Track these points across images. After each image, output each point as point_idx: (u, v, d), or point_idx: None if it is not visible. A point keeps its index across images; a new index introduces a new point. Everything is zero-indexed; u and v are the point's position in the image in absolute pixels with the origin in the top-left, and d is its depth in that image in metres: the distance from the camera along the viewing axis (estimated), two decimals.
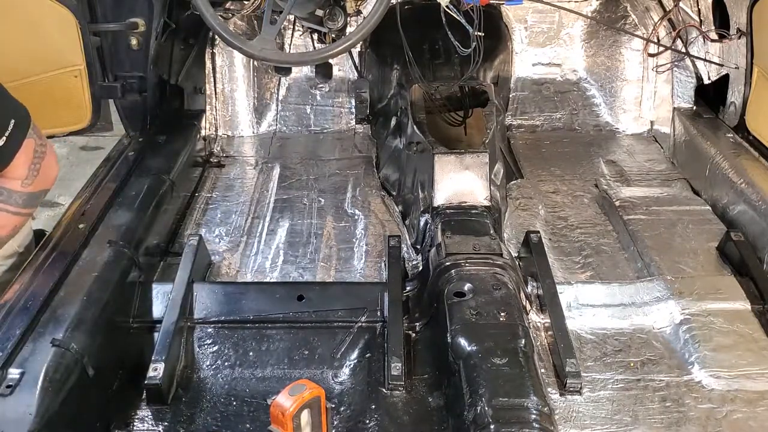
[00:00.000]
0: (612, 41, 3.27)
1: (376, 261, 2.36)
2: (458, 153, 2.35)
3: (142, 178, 2.31)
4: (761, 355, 1.87)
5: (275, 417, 1.46)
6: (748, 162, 2.49)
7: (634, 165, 2.96)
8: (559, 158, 3.02)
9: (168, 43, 2.75)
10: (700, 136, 2.77)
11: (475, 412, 1.53)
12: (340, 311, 1.96)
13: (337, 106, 3.29)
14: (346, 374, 1.84)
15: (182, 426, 1.69)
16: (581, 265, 2.32)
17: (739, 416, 1.72)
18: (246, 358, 1.87)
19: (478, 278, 1.92)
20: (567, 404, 1.76)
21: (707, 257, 2.28)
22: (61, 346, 1.60)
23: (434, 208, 2.30)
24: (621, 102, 3.27)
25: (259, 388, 1.79)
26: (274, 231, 2.54)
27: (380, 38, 3.04)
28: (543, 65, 3.30)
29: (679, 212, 2.51)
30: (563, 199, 2.72)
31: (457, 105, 2.84)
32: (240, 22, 3.10)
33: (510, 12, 3.22)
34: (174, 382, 1.80)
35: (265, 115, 3.28)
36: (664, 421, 1.71)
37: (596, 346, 1.95)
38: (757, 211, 2.27)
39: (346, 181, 2.87)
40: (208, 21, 2.08)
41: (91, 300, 1.79)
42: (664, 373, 1.86)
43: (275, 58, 2.24)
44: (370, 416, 1.68)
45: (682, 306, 2.01)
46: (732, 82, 2.76)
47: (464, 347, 1.70)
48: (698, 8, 2.80)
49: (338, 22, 2.34)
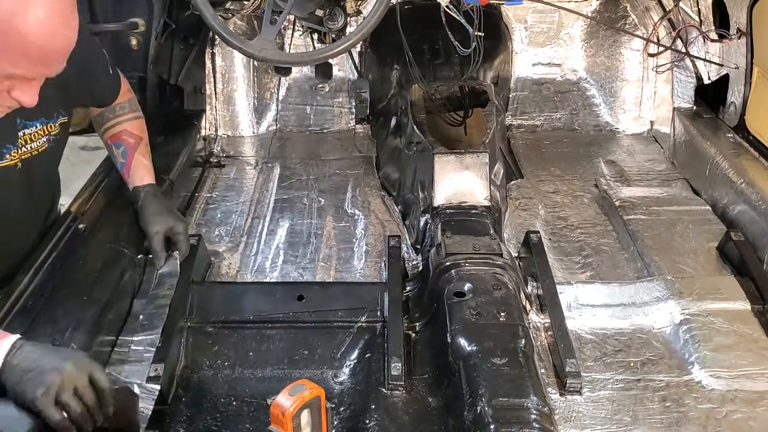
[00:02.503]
0: (612, 41, 3.27)
1: (376, 261, 2.36)
2: (458, 153, 2.35)
3: None
4: (761, 355, 1.87)
5: (275, 417, 1.46)
6: (748, 162, 2.49)
7: (634, 165, 2.96)
8: (559, 158, 3.02)
9: (168, 43, 2.75)
10: (700, 136, 2.77)
11: (475, 412, 1.53)
12: (340, 311, 1.96)
13: (337, 106, 3.29)
14: (346, 374, 1.84)
15: (182, 426, 1.69)
16: (581, 265, 2.32)
17: (739, 416, 1.72)
18: (246, 358, 1.87)
19: (478, 278, 1.92)
20: (567, 404, 1.76)
21: (707, 257, 2.27)
22: (61, 346, 1.59)
23: (434, 208, 2.30)
24: (621, 102, 3.27)
25: (259, 388, 1.79)
26: (274, 231, 2.54)
27: (380, 38, 3.03)
28: (543, 65, 3.30)
29: (679, 212, 2.51)
30: (563, 199, 2.72)
31: (457, 105, 2.84)
32: (240, 22, 3.10)
33: (510, 12, 3.21)
34: (174, 382, 1.80)
35: (265, 115, 3.28)
36: (664, 421, 1.71)
37: (596, 346, 1.95)
38: (757, 211, 2.27)
39: (346, 181, 2.86)
40: (208, 21, 2.08)
41: (91, 300, 1.79)
42: (664, 373, 1.86)
43: (275, 58, 2.24)
44: (370, 416, 1.67)
45: (682, 306, 2.01)
46: (732, 82, 2.76)
47: (464, 347, 1.70)
48: (698, 8, 2.80)
49: (338, 22, 2.34)
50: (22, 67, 1.42)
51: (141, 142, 2.16)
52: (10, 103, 1.52)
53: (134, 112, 2.19)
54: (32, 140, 1.77)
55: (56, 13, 1.40)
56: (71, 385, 1.41)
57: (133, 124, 2.17)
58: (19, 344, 1.44)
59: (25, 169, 1.77)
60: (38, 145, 1.79)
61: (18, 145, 1.73)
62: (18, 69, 1.42)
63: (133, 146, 2.13)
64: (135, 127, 2.17)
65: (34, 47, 1.39)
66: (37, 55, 1.41)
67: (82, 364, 1.46)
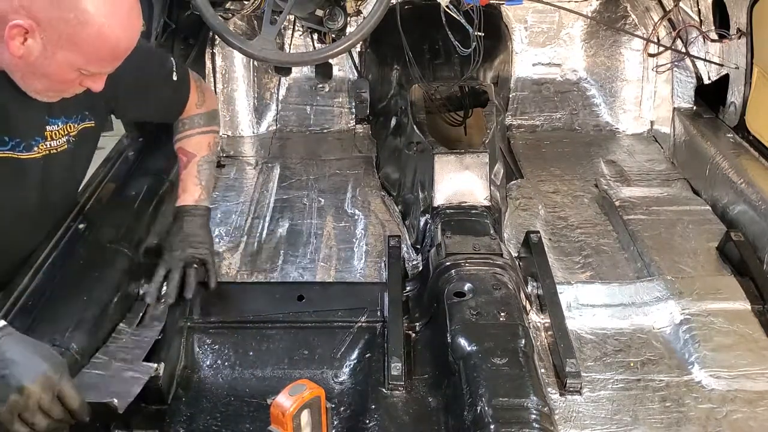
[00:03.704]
0: (612, 41, 3.27)
1: (376, 261, 2.36)
2: (458, 153, 2.35)
3: (142, 178, 2.31)
4: (761, 355, 1.87)
5: (275, 417, 1.46)
6: (748, 162, 2.49)
7: (634, 165, 2.96)
8: (559, 158, 3.02)
9: (168, 43, 2.75)
10: (700, 136, 2.77)
11: (474, 412, 1.53)
12: (340, 311, 1.96)
13: (337, 106, 3.29)
14: (346, 374, 1.84)
15: (182, 426, 1.69)
16: (581, 265, 2.32)
17: (739, 416, 1.72)
18: (246, 358, 1.87)
19: (478, 278, 1.92)
20: (567, 404, 1.76)
21: (707, 257, 2.27)
22: (61, 346, 1.59)
23: (434, 208, 2.30)
24: (621, 102, 3.27)
25: (259, 388, 1.79)
26: (274, 231, 2.54)
27: (380, 38, 3.03)
28: (543, 65, 3.30)
29: (679, 212, 2.51)
30: (563, 199, 2.72)
31: (457, 105, 2.84)
32: (240, 22, 3.10)
33: (510, 12, 3.21)
34: (174, 382, 1.80)
35: (265, 115, 3.28)
36: (664, 421, 1.71)
37: (596, 346, 1.95)
38: (757, 211, 2.27)
39: (346, 181, 2.86)
40: (208, 21, 2.09)
41: (91, 300, 1.78)
42: (664, 373, 1.86)
43: (275, 58, 2.24)
44: (370, 416, 1.67)
45: (682, 306, 2.01)
46: (732, 82, 2.76)
47: (464, 347, 1.70)
48: (698, 8, 2.80)
49: (338, 22, 2.34)
50: (106, 66, 1.55)
51: (192, 159, 2.07)
52: (76, 90, 1.63)
53: (202, 127, 2.12)
54: (53, 138, 1.77)
55: (130, 9, 1.52)
56: (35, 405, 1.35)
57: (192, 141, 2.10)
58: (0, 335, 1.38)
59: (45, 165, 1.77)
60: (59, 144, 1.79)
61: (45, 137, 1.74)
62: (103, 68, 1.56)
63: (184, 164, 2.08)
64: (192, 144, 2.09)
65: (118, 46, 1.52)
66: (119, 52, 1.54)
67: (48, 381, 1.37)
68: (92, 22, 1.46)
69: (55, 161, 1.79)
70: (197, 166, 2.07)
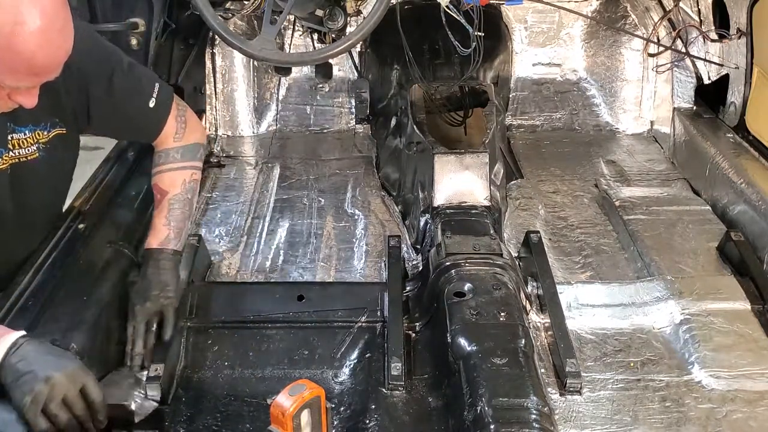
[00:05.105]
0: (612, 41, 3.27)
1: (376, 261, 2.36)
2: (458, 153, 2.35)
3: (142, 178, 2.31)
4: (761, 355, 1.87)
5: (275, 417, 1.46)
6: (748, 162, 2.49)
7: (634, 165, 2.96)
8: (559, 158, 3.02)
9: (168, 43, 2.75)
10: (700, 136, 2.77)
11: (475, 412, 1.53)
12: (340, 311, 1.96)
13: (337, 106, 3.29)
14: (346, 374, 1.84)
15: (182, 426, 1.69)
16: (581, 265, 2.32)
17: (739, 416, 1.72)
18: (246, 358, 1.87)
19: (478, 278, 1.92)
20: (567, 404, 1.76)
21: (707, 257, 2.27)
22: (61, 346, 1.59)
23: (434, 208, 2.30)
24: (621, 102, 3.26)
25: (259, 388, 1.79)
26: (274, 231, 2.54)
27: (380, 38, 3.03)
28: (543, 65, 3.30)
29: (679, 212, 2.51)
30: (563, 199, 2.72)
31: (457, 105, 2.84)
32: (240, 22, 3.10)
33: (510, 12, 3.21)
34: (174, 382, 1.80)
35: (265, 115, 3.28)
36: (664, 421, 1.71)
37: (596, 346, 1.95)
38: (757, 211, 2.27)
39: (346, 181, 2.86)
40: (208, 21, 2.09)
41: (91, 300, 1.78)
42: (664, 373, 1.86)
43: (275, 58, 2.24)
44: (370, 416, 1.67)
45: (682, 306, 2.01)
46: (732, 82, 2.76)
47: (464, 347, 1.70)
48: (698, 8, 2.80)
49: (338, 22, 2.34)
50: (22, 80, 1.46)
51: (165, 197, 1.95)
52: (10, 105, 1.54)
53: (178, 162, 1.98)
54: (21, 146, 1.72)
55: (50, 25, 1.41)
56: (60, 396, 1.40)
57: (165, 177, 1.97)
58: (21, 342, 1.44)
59: (13, 174, 1.73)
60: (28, 152, 1.74)
61: (8, 148, 1.70)
62: (19, 82, 1.46)
63: (157, 201, 1.96)
64: (165, 180, 1.97)
65: (32, 61, 1.41)
66: (34, 68, 1.44)
67: (75, 374, 1.45)
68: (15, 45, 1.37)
69: (25, 170, 1.75)
70: (168, 204, 1.94)
